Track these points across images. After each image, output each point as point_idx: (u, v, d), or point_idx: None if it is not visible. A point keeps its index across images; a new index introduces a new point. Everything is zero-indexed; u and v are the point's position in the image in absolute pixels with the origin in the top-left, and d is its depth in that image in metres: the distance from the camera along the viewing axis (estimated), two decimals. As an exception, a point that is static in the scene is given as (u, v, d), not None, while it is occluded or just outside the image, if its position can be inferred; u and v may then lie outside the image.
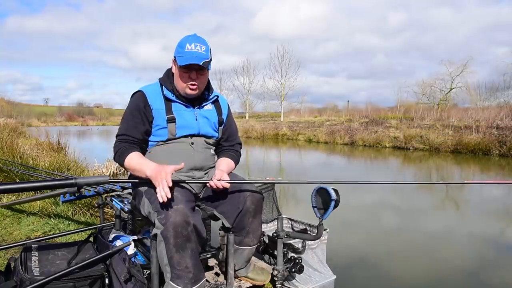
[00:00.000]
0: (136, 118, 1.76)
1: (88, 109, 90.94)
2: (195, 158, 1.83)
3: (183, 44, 1.72)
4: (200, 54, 1.70)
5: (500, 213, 5.78)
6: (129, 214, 2.25)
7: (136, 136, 1.76)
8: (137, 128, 1.76)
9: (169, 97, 1.80)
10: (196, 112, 1.85)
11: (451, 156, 13.09)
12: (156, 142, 1.82)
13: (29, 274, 1.56)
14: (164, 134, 1.79)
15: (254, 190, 1.84)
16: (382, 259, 3.65)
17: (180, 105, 1.82)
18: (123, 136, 1.76)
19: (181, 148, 1.81)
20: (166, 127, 1.77)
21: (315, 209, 1.92)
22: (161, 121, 1.78)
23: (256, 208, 1.83)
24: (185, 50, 1.70)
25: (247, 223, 1.84)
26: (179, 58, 1.72)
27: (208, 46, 1.76)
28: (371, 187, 7.65)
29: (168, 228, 1.49)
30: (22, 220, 3.48)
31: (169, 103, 1.80)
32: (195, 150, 1.83)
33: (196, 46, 1.71)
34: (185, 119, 1.81)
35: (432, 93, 32.51)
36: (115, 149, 1.76)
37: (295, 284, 2.12)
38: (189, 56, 1.69)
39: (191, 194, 1.77)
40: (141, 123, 1.77)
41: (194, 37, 1.75)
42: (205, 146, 1.89)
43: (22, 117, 39.17)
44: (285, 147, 18.30)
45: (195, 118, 1.84)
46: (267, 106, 40.93)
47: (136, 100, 1.80)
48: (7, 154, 5.19)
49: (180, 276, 1.53)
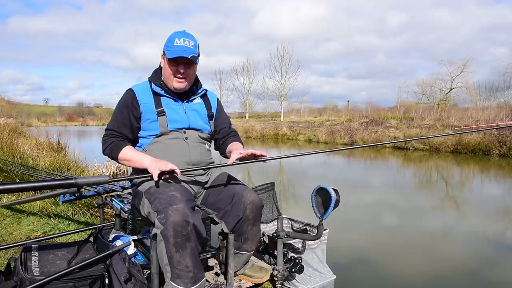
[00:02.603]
0: (123, 114, 1.82)
1: (88, 109, 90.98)
2: (190, 154, 1.84)
3: (172, 38, 1.78)
4: (188, 48, 1.76)
5: (500, 213, 5.77)
6: (129, 214, 2.25)
7: (123, 132, 1.82)
8: (124, 124, 1.82)
9: (158, 91, 1.85)
10: (184, 106, 1.89)
11: (451, 156, 13.09)
12: (150, 136, 1.84)
13: (29, 274, 1.56)
14: (156, 128, 1.82)
15: (255, 198, 1.84)
16: (382, 258, 3.65)
17: (168, 99, 1.87)
18: (112, 131, 1.82)
19: (175, 144, 1.83)
20: (156, 120, 1.81)
21: (315, 209, 1.92)
22: (151, 115, 1.82)
23: (255, 216, 1.84)
24: (174, 44, 1.76)
25: (246, 230, 1.85)
26: (168, 52, 1.77)
27: (196, 41, 1.81)
28: (371, 187, 7.66)
29: (167, 228, 1.49)
30: (22, 220, 3.48)
31: (158, 98, 1.85)
32: (189, 145, 1.85)
33: (185, 41, 1.77)
34: (175, 112, 1.85)
35: (432, 93, 32.54)
36: (105, 143, 1.81)
37: (295, 284, 2.12)
38: (178, 49, 1.75)
39: (190, 193, 1.77)
40: (128, 119, 1.82)
41: (183, 33, 1.81)
42: (199, 140, 1.91)
43: (22, 117, 39.24)
44: (285, 147, 18.30)
45: (184, 111, 1.87)
46: (267, 106, 40.98)
47: (124, 97, 1.85)
48: (7, 154, 5.20)
49: (180, 275, 1.53)
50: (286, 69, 34.73)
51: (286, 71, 34.75)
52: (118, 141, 1.79)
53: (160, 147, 1.83)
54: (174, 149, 1.82)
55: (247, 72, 38.98)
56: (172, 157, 1.78)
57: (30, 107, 66.06)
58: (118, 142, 1.79)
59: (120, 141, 1.80)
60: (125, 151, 1.77)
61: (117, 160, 1.80)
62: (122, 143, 1.79)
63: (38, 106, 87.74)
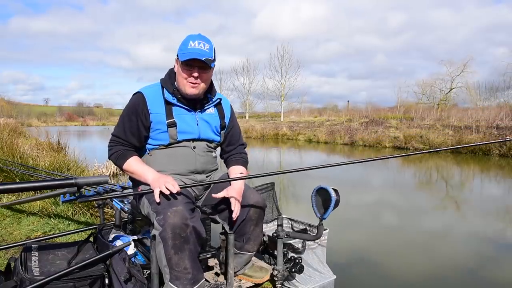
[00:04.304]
0: (132, 122, 1.75)
1: (88, 109, 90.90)
2: (196, 162, 1.82)
3: (187, 41, 1.70)
4: (203, 51, 1.67)
5: (500, 212, 5.77)
6: (129, 214, 2.26)
7: (130, 141, 1.77)
8: (132, 132, 1.76)
9: (170, 100, 1.76)
10: (197, 116, 1.81)
11: (451, 156, 13.09)
12: (157, 146, 1.79)
13: (29, 274, 1.55)
14: (165, 139, 1.76)
15: (258, 199, 1.84)
16: (382, 258, 3.65)
17: (181, 109, 1.78)
18: (119, 138, 1.77)
19: (182, 152, 1.79)
20: (166, 131, 1.75)
21: (315, 209, 1.92)
22: (161, 126, 1.75)
23: (258, 216, 1.84)
24: (188, 47, 1.68)
25: (249, 230, 1.85)
26: (182, 55, 1.69)
27: (212, 45, 1.73)
28: (371, 187, 7.66)
29: (166, 230, 1.49)
30: (22, 220, 3.48)
31: (170, 107, 1.76)
32: (196, 154, 1.81)
33: (200, 43, 1.69)
34: (186, 124, 1.78)
35: (432, 93, 32.59)
36: (111, 149, 1.78)
37: (295, 284, 2.12)
38: (192, 52, 1.66)
39: (191, 195, 1.76)
40: (136, 127, 1.75)
41: (198, 36, 1.73)
42: (207, 149, 1.87)
43: (22, 117, 39.21)
44: (285, 147, 18.29)
45: (196, 122, 1.80)
46: (267, 106, 40.99)
47: (134, 103, 1.77)
48: (7, 154, 5.19)
49: (179, 277, 1.53)
50: (286, 69, 34.76)
51: (286, 71, 34.78)
52: (125, 151, 1.75)
53: (167, 153, 1.79)
54: (180, 157, 1.79)
55: (247, 72, 39.02)
56: (177, 165, 1.77)
57: (30, 107, 66.02)
58: (125, 151, 1.75)
59: (127, 151, 1.76)
60: (130, 163, 1.73)
61: (121, 169, 1.78)
62: (128, 152, 1.75)
63: (38, 106, 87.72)
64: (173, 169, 1.78)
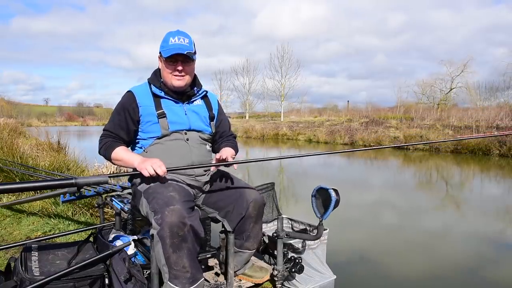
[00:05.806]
0: (120, 116, 1.83)
1: (88, 109, 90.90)
2: (191, 155, 1.84)
3: (167, 38, 1.79)
4: (183, 45, 1.77)
5: (500, 212, 5.77)
6: (129, 214, 2.25)
7: (120, 134, 1.83)
8: (120, 126, 1.82)
9: (158, 93, 1.85)
10: (185, 107, 1.88)
11: (451, 156, 13.09)
12: (150, 138, 1.84)
13: (29, 274, 1.56)
14: (157, 130, 1.82)
15: (257, 196, 1.85)
16: (382, 258, 3.65)
17: (169, 101, 1.86)
18: (108, 132, 1.84)
19: (177, 145, 1.83)
20: (157, 122, 1.81)
21: (315, 209, 1.92)
22: (151, 117, 1.81)
23: (258, 214, 1.85)
24: (169, 43, 1.78)
25: (249, 228, 1.85)
26: (164, 51, 1.78)
27: (191, 39, 1.82)
28: (371, 187, 7.67)
29: (164, 228, 1.49)
30: (22, 220, 3.48)
31: (158, 100, 1.85)
32: (190, 146, 1.85)
33: (180, 38, 1.78)
34: (175, 114, 1.84)
35: (432, 93, 32.58)
36: (100, 143, 1.84)
37: (295, 284, 2.12)
38: (173, 47, 1.76)
39: (190, 194, 1.76)
40: (125, 121, 1.82)
41: (177, 32, 1.82)
42: (200, 141, 1.90)
43: (22, 117, 39.20)
44: (285, 147, 18.29)
45: (185, 112, 1.87)
46: (267, 106, 40.99)
47: (123, 99, 1.86)
48: (7, 154, 5.19)
49: (178, 276, 1.53)
50: (286, 69, 34.78)
51: (286, 71, 34.81)
52: (112, 141, 1.81)
53: (161, 148, 1.82)
54: (175, 150, 1.82)
55: (247, 72, 39.02)
56: (173, 158, 1.78)
57: (30, 107, 65.99)
58: (112, 142, 1.81)
59: (114, 142, 1.81)
60: (117, 151, 1.78)
61: (110, 160, 1.82)
62: (115, 143, 1.81)
63: (38, 106, 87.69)
64: (169, 163, 1.79)
